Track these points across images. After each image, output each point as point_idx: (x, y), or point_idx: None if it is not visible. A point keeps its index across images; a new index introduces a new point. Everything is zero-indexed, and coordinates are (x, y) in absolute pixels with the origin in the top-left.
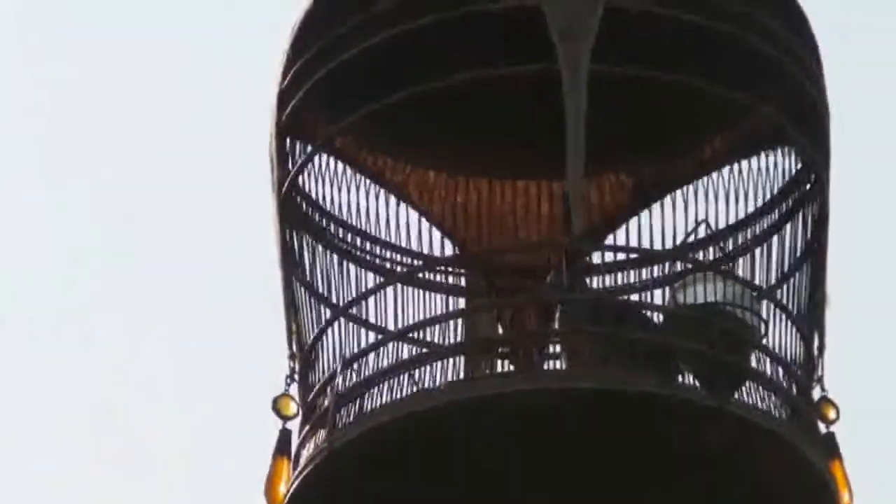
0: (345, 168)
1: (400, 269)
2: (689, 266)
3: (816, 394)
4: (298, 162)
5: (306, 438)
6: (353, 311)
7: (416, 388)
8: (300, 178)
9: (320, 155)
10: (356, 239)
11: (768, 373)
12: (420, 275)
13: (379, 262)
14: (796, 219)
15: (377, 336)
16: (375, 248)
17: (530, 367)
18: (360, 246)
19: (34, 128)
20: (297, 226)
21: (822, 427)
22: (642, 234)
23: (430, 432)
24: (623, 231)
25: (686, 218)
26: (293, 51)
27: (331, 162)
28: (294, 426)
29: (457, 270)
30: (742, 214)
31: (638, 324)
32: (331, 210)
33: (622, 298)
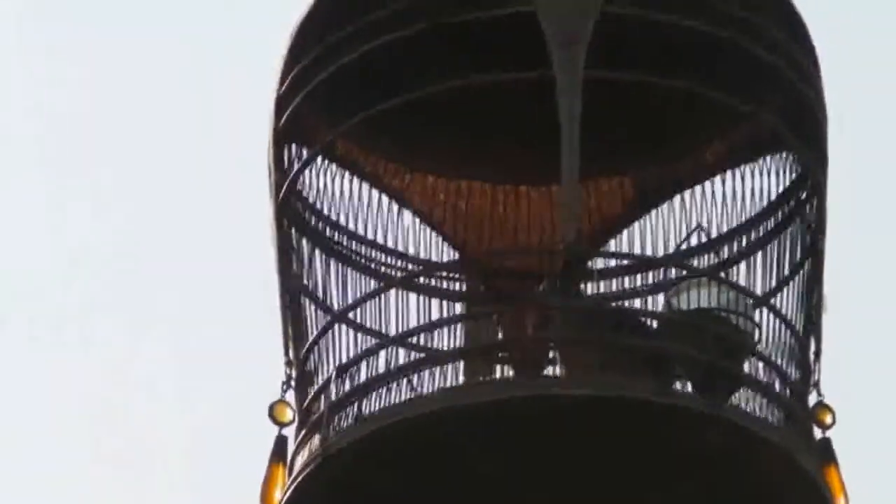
0: (344, 173)
1: (399, 273)
2: (684, 272)
3: (813, 399)
4: (299, 165)
5: (302, 444)
6: (352, 316)
7: (413, 393)
8: (299, 183)
9: (320, 159)
10: (355, 244)
11: (763, 378)
12: (419, 280)
13: (377, 267)
14: (794, 224)
15: (372, 341)
16: (375, 253)
17: (523, 374)
18: (358, 251)
19: (34, 128)
20: (296, 230)
21: (819, 432)
22: (642, 238)
23: (425, 438)
24: (621, 235)
25: (685, 223)
26: (291, 56)
27: (331, 167)
28: (292, 431)
29: (455, 275)
30: (740, 220)
31: (632, 329)
32: (329, 215)
33: (616, 304)
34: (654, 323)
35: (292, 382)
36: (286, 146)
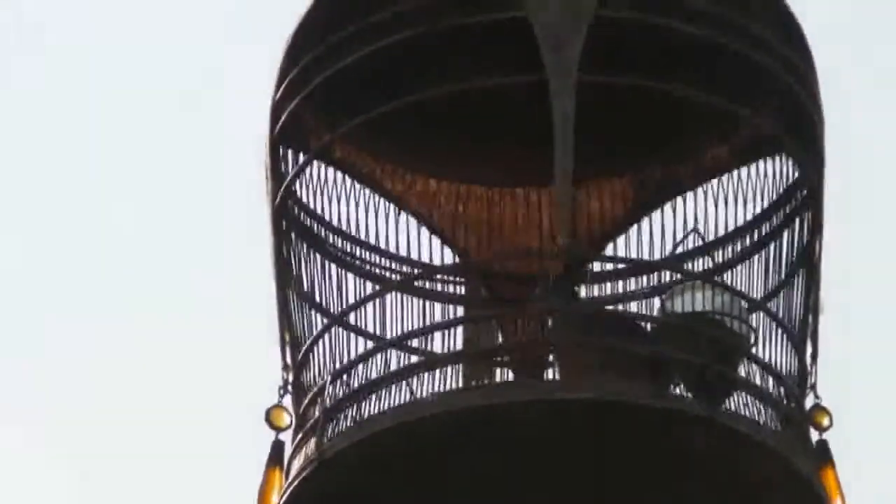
0: (343, 177)
1: (397, 277)
2: (679, 276)
3: (810, 401)
4: (295, 169)
5: (298, 449)
6: (350, 320)
7: (410, 397)
8: (298, 187)
9: (319, 164)
10: (354, 248)
11: (759, 381)
12: (417, 283)
13: (376, 271)
14: (791, 228)
15: (367, 345)
16: (373, 257)
17: (523, 376)
18: (357, 255)
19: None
20: (293, 235)
21: (816, 434)
22: (640, 241)
23: (421, 443)
24: (619, 238)
25: (683, 225)
26: (287, 62)
27: (330, 171)
28: (289, 435)
29: (453, 279)
30: (737, 223)
31: (627, 333)
32: (329, 219)
33: (610, 308)
34: (649, 326)
35: (289, 387)
36: (283, 150)
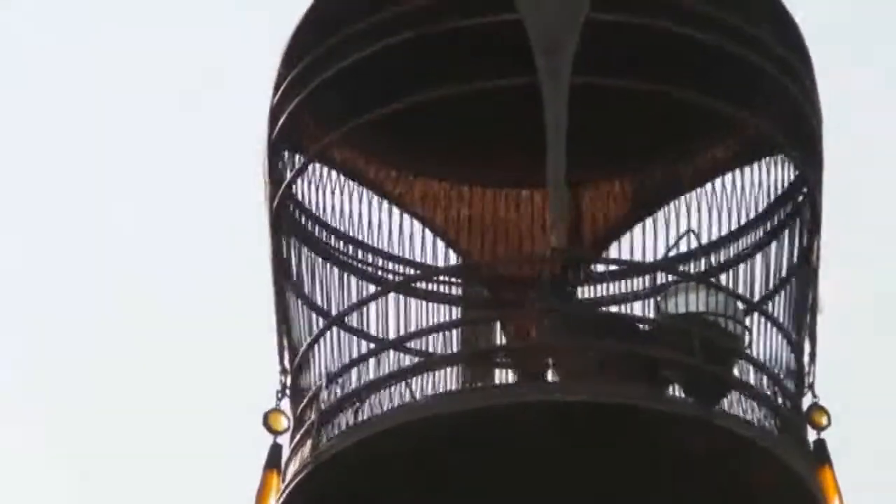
0: (345, 180)
1: (395, 278)
2: (673, 276)
3: (808, 400)
4: (293, 173)
5: (294, 452)
6: (350, 323)
7: (409, 399)
8: (298, 190)
9: (321, 167)
10: (354, 250)
11: (755, 382)
12: (417, 284)
13: (377, 273)
14: (789, 229)
15: (365, 348)
16: (374, 259)
17: (526, 378)
18: (357, 256)
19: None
20: (293, 237)
21: (814, 433)
22: (643, 242)
23: (417, 445)
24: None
25: (681, 227)
26: (284, 66)
27: (332, 174)
28: (287, 438)
29: (453, 280)
30: (735, 225)
31: (625, 335)
32: (329, 221)
33: (603, 309)
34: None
35: (287, 390)
36: (281, 154)
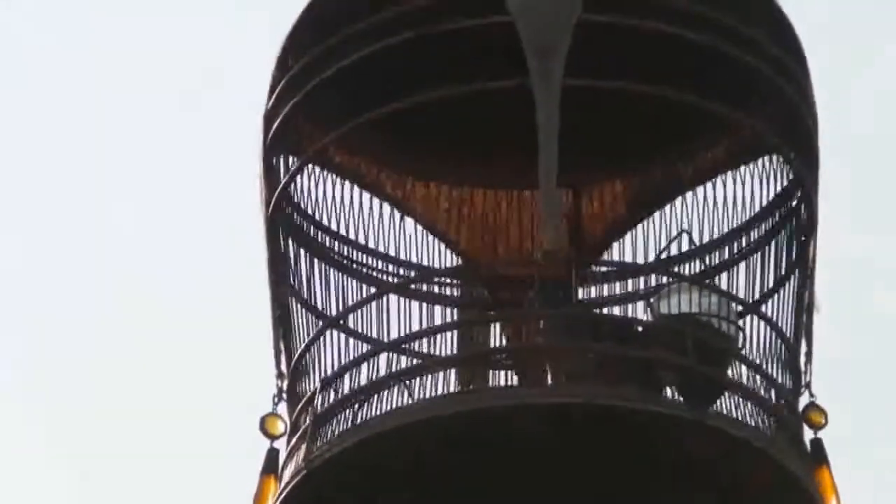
0: (344, 182)
1: (392, 279)
2: (666, 278)
3: (805, 399)
4: (288, 175)
5: (289, 457)
6: (348, 325)
7: (402, 402)
8: (296, 192)
9: (320, 171)
10: (351, 251)
11: (749, 382)
12: (415, 286)
13: (375, 275)
14: (785, 229)
15: (360, 352)
16: (374, 262)
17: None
18: (355, 258)
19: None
20: (292, 240)
21: (811, 433)
22: (634, 243)
23: (410, 447)
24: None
25: (677, 228)
26: (278, 70)
27: (330, 176)
28: (284, 442)
29: (451, 281)
30: (732, 225)
31: (618, 336)
32: (328, 223)
33: (600, 311)
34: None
35: (283, 395)
36: (278, 157)
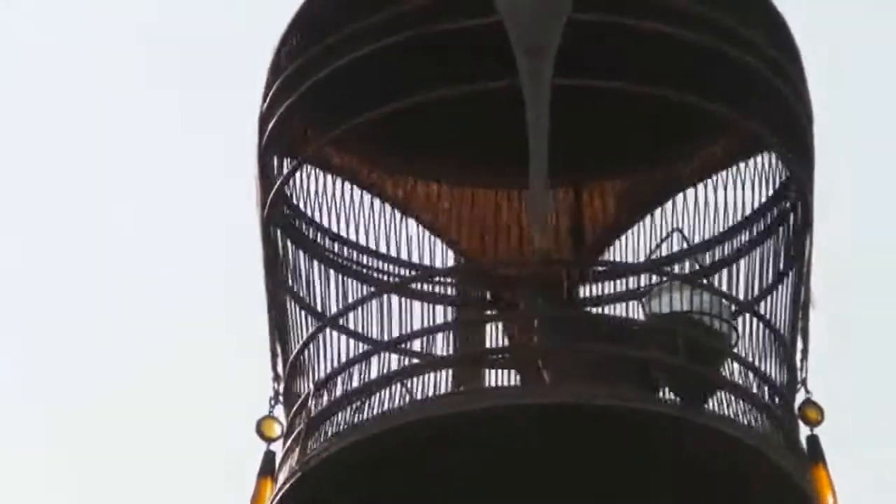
0: (344, 183)
1: (389, 279)
2: (659, 277)
3: (801, 396)
4: (282, 176)
5: (284, 460)
6: (346, 326)
7: (400, 402)
8: (294, 194)
9: (319, 173)
10: (349, 251)
11: (743, 381)
12: (413, 286)
13: (372, 275)
14: (781, 228)
15: (356, 352)
16: (372, 261)
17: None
18: (353, 259)
19: None
20: (291, 242)
21: (807, 430)
22: (629, 242)
23: (403, 450)
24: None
25: (673, 227)
26: (272, 72)
27: (330, 177)
28: (280, 445)
29: (451, 280)
30: (728, 224)
31: (611, 336)
32: (327, 224)
33: (593, 310)
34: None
35: (280, 397)
36: (273, 159)
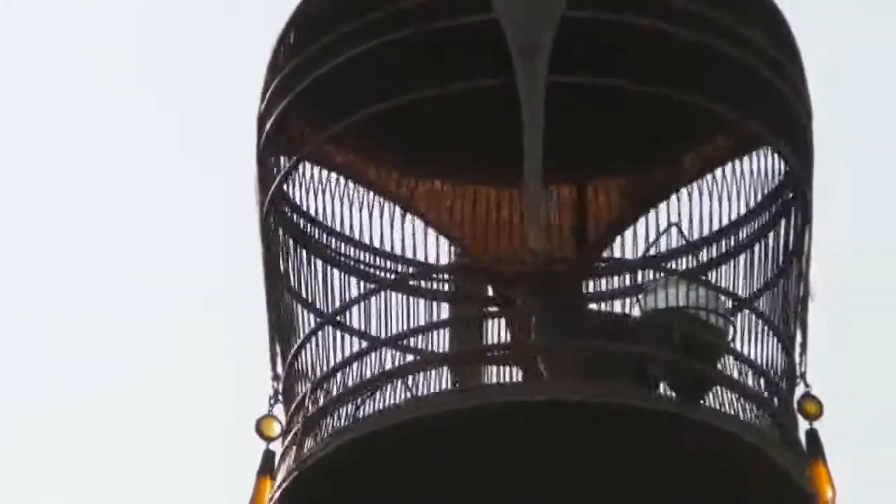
0: (346, 181)
1: (389, 276)
2: (656, 273)
3: (800, 390)
4: (280, 175)
5: (283, 458)
6: (345, 324)
7: (398, 399)
8: (294, 192)
9: (320, 169)
10: (347, 248)
11: (741, 376)
12: (412, 282)
13: (373, 272)
14: (780, 224)
15: (354, 350)
16: (372, 258)
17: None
18: (353, 256)
19: None
20: (290, 239)
21: (806, 424)
22: (627, 239)
23: (400, 447)
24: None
25: (672, 223)
26: (270, 72)
27: (331, 175)
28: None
29: (447, 277)
30: (726, 220)
31: (608, 333)
32: (328, 223)
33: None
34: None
35: (279, 396)
36: (272, 158)
